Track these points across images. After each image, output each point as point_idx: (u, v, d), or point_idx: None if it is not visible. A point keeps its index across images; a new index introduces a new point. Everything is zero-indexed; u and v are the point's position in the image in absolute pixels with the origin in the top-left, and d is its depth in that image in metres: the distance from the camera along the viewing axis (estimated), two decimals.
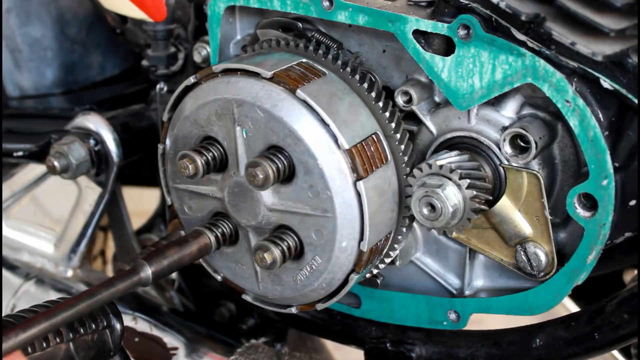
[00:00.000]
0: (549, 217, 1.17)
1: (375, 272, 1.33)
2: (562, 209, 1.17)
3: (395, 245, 1.26)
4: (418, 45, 1.15)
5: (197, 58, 1.55)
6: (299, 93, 1.15)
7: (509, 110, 1.17)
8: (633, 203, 1.12)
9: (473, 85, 1.13)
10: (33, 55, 1.90)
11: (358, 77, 1.20)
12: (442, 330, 1.36)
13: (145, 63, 1.64)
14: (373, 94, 1.19)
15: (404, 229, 1.25)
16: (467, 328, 1.32)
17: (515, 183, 1.18)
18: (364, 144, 1.16)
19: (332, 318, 1.48)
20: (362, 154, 1.15)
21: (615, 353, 1.56)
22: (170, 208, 1.36)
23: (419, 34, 1.15)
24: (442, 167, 1.15)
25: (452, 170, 1.14)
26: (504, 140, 1.16)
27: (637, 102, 1.04)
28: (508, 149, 1.16)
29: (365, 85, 1.20)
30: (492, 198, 1.19)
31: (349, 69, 1.21)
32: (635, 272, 1.46)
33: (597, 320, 1.21)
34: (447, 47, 1.15)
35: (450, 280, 1.34)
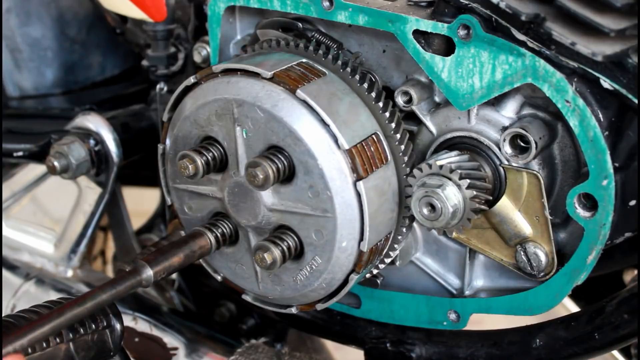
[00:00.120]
0: (549, 217, 1.17)
1: (375, 272, 1.33)
2: (562, 209, 1.17)
3: (395, 246, 1.26)
4: (418, 45, 1.15)
5: (197, 58, 1.55)
6: (299, 93, 1.15)
7: (509, 111, 1.17)
8: (633, 203, 1.12)
9: (473, 85, 1.13)
10: (33, 55, 1.90)
11: (358, 77, 1.20)
12: (442, 330, 1.36)
13: (145, 63, 1.64)
14: (373, 94, 1.19)
15: (404, 229, 1.25)
16: (467, 328, 1.32)
17: (515, 183, 1.18)
18: (364, 144, 1.16)
19: (332, 318, 1.48)
20: (362, 154, 1.15)
21: (615, 353, 1.56)
22: (170, 208, 1.36)
23: (419, 34, 1.15)
24: (442, 167, 1.15)
25: (452, 171, 1.14)
26: (504, 140, 1.16)
27: (637, 102, 1.04)
28: (508, 149, 1.16)
29: (365, 86, 1.20)
30: (492, 198, 1.19)
31: (349, 69, 1.21)
32: (635, 272, 1.46)
33: (597, 320, 1.21)
34: (447, 47, 1.15)
35: (450, 280, 1.34)
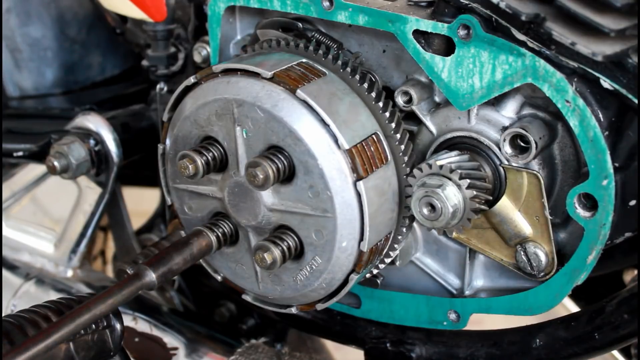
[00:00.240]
0: (549, 217, 1.17)
1: (375, 272, 1.33)
2: (562, 209, 1.17)
3: (395, 245, 1.26)
4: (418, 45, 1.15)
5: (197, 58, 1.55)
6: (299, 93, 1.15)
7: (509, 110, 1.17)
8: (633, 203, 1.11)
9: (473, 85, 1.13)
10: (33, 55, 1.90)
11: (358, 77, 1.20)
12: (442, 330, 1.36)
13: (145, 63, 1.64)
14: (373, 94, 1.19)
15: (404, 229, 1.25)
16: (467, 328, 1.32)
17: (515, 183, 1.18)
18: (364, 144, 1.16)
19: (332, 318, 1.48)
20: (362, 154, 1.15)
21: (615, 353, 1.56)
22: (170, 208, 1.36)
23: (419, 34, 1.15)
24: (442, 167, 1.15)
25: (452, 170, 1.14)
26: (504, 140, 1.16)
27: (637, 102, 1.04)
28: (508, 149, 1.16)
29: (365, 85, 1.20)
30: (492, 198, 1.19)
31: (349, 69, 1.21)
32: (635, 272, 1.46)
33: (597, 320, 1.21)
34: (447, 47, 1.15)
35: (450, 280, 1.34)
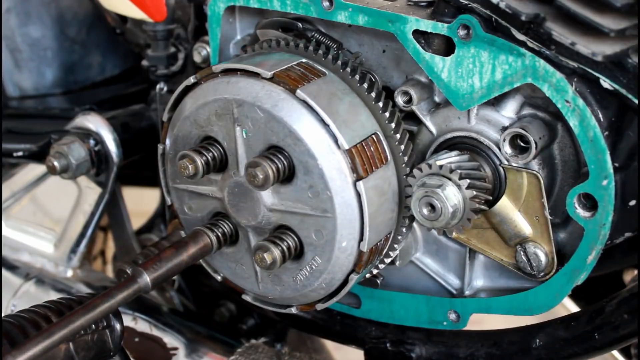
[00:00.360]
0: (549, 217, 1.17)
1: (375, 272, 1.33)
2: (562, 209, 1.17)
3: (395, 246, 1.26)
4: (418, 46, 1.15)
5: (197, 58, 1.55)
6: (299, 93, 1.15)
7: (509, 111, 1.17)
8: (633, 203, 1.11)
9: (473, 86, 1.13)
10: (33, 55, 1.90)
11: (358, 77, 1.20)
12: (442, 330, 1.36)
13: (145, 63, 1.64)
14: (373, 94, 1.19)
15: (404, 229, 1.25)
16: (467, 328, 1.32)
17: (515, 183, 1.18)
18: (364, 144, 1.16)
19: (332, 318, 1.48)
20: (362, 154, 1.15)
21: (615, 353, 1.56)
22: (170, 208, 1.36)
23: (419, 34, 1.15)
24: (442, 167, 1.15)
25: (452, 171, 1.14)
26: (504, 141, 1.16)
27: (637, 102, 1.04)
28: (508, 149, 1.16)
29: (365, 86, 1.19)
30: (492, 198, 1.19)
31: (349, 69, 1.21)
32: (635, 272, 1.46)
33: (597, 320, 1.21)
34: (447, 47, 1.15)
35: (450, 280, 1.34)
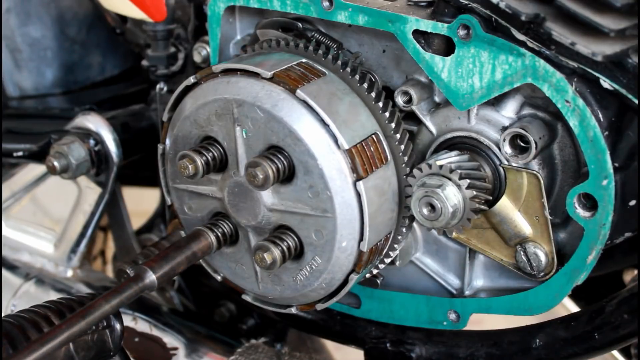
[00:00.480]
0: (549, 217, 1.17)
1: (375, 272, 1.33)
2: (562, 209, 1.17)
3: (395, 245, 1.26)
4: (418, 45, 1.15)
5: (197, 58, 1.55)
6: (299, 93, 1.15)
7: (509, 110, 1.17)
8: (633, 203, 1.11)
9: (473, 85, 1.13)
10: (33, 55, 1.90)
11: (358, 77, 1.20)
12: (442, 330, 1.36)
13: (145, 63, 1.64)
14: (373, 94, 1.19)
15: (404, 229, 1.25)
16: (467, 328, 1.32)
17: (515, 183, 1.18)
18: (364, 144, 1.16)
19: (332, 318, 1.48)
20: (362, 154, 1.15)
21: (615, 353, 1.56)
22: (170, 208, 1.36)
23: (419, 34, 1.15)
24: (442, 167, 1.15)
25: (452, 170, 1.14)
26: (504, 140, 1.16)
27: (637, 102, 1.04)
28: (508, 149, 1.16)
29: (365, 85, 1.19)
30: (492, 198, 1.19)
31: (349, 69, 1.21)
32: (635, 272, 1.46)
33: (597, 320, 1.21)
34: (447, 47, 1.15)
35: (450, 280, 1.34)
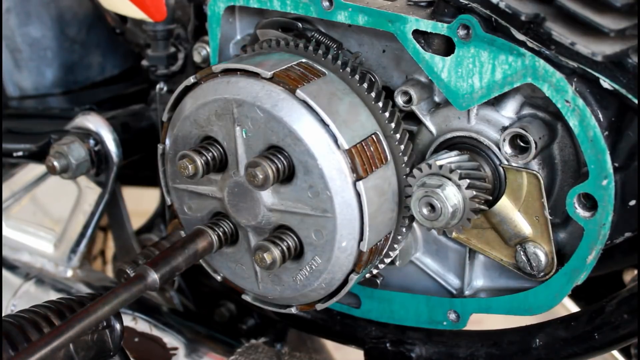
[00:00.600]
0: (549, 217, 1.17)
1: (375, 272, 1.33)
2: (562, 209, 1.17)
3: (395, 245, 1.26)
4: (418, 45, 1.15)
5: (197, 58, 1.55)
6: (299, 93, 1.15)
7: (509, 110, 1.17)
8: (633, 203, 1.11)
9: (473, 85, 1.13)
10: (33, 55, 1.90)
11: (358, 77, 1.20)
12: (442, 330, 1.36)
13: (145, 63, 1.64)
14: (373, 94, 1.19)
15: (404, 229, 1.25)
16: (467, 328, 1.32)
17: (515, 183, 1.18)
18: (364, 144, 1.16)
19: (332, 318, 1.48)
20: (362, 154, 1.15)
21: (615, 353, 1.56)
22: (170, 208, 1.36)
23: (419, 34, 1.15)
24: (442, 167, 1.15)
25: (452, 170, 1.14)
26: (504, 140, 1.16)
27: (637, 102, 1.04)
28: (508, 149, 1.16)
29: (365, 85, 1.19)
30: (491, 198, 1.19)
31: (349, 69, 1.21)
32: (635, 272, 1.46)
33: (597, 320, 1.21)
34: (447, 47, 1.15)
35: (450, 280, 1.34)
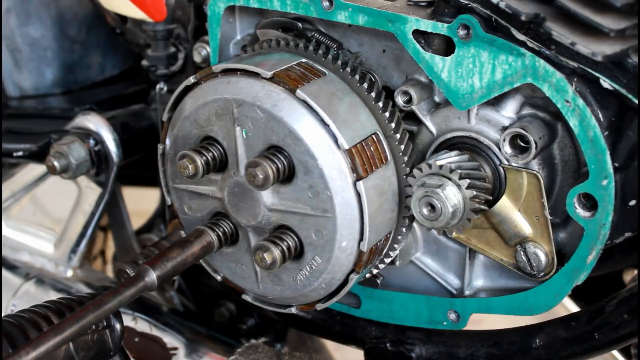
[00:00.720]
0: (549, 217, 1.17)
1: (375, 272, 1.33)
2: (562, 209, 1.17)
3: (395, 245, 1.26)
4: (418, 45, 1.15)
5: (197, 58, 1.55)
6: (299, 93, 1.15)
7: (509, 110, 1.17)
8: (633, 203, 1.11)
9: (473, 85, 1.13)
10: (33, 55, 1.90)
11: (358, 77, 1.20)
12: (442, 330, 1.36)
13: (145, 63, 1.64)
14: (373, 94, 1.19)
15: (404, 229, 1.25)
16: (467, 328, 1.32)
17: (515, 183, 1.18)
18: (364, 144, 1.16)
19: (332, 318, 1.48)
20: (362, 154, 1.15)
21: (615, 353, 1.56)
22: (170, 208, 1.36)
23: (419, 34, 1.15)
24: (442, 167, 1.15)
25: (452, 170, 1.14)
26: (504, 140, 1.16)
27: (637, 102, 1.04)
28: (508, 149, 1.16)
29: (365, 85, 1.19)
30: (492, 198, 1.19)
31: (349, 69, 1.21)
32: (635, 272, 1.46)
33: (597, 320, 1.21)
34: (447, 47, 1.15)
35: (450, 280, 1.34)
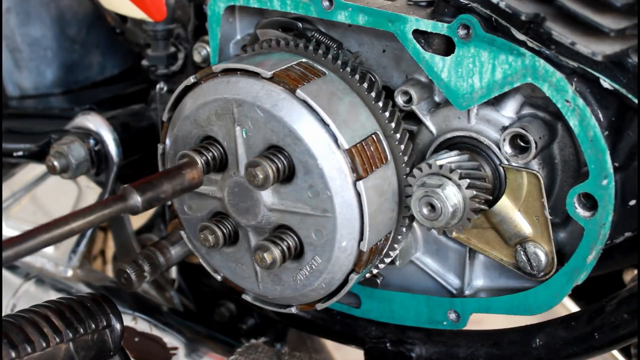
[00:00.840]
0: (549, 217, 1.17)
1: (375, 272, 1.33)
2: (562, 209, 1.17)
3: (395, 245, 1.26)
4: (418, 45, 1.15)
5: (197, 58, 1.55)
6: (299, 93, 1.15)
7: (509, 110, 1.17)
8: (633, 203, 1.11)
9: (473, 85, 1.13)
10: (33, 55, 1.90)
11: (358, 77, 1.20)
12: (442, 330, 1.36)
13: (145, 63, 1.64)
14: (373, 94, 1.19)
15: (404, 229, 1.25)
16: (467, 328, 1.32)
17: (515, 183, 1.18)
18: (364, 144, 1.16)
19: (332, 318, 1.48)
20: (362, 154, 1.15)
21: (615, 353, 1.56)
22: (170, 208, 1.36)
23: (419, 34, 1.15)
24: (442, 167, 1.15)
25: (452, 170, 1.14)
26: (504, 140, 1.16)
27: (637, 102, 1.04)
28: (508, 149, 1.16)
29: (365, 85, 1.19)
30: (492, 198, 1.19)
31: (349, 69, 1.21)
32: (635, 272, 1.46)
33: (597, 320, 1.21)
34: (447, 47, 1.15)
35: (450, 280, 1.34)
